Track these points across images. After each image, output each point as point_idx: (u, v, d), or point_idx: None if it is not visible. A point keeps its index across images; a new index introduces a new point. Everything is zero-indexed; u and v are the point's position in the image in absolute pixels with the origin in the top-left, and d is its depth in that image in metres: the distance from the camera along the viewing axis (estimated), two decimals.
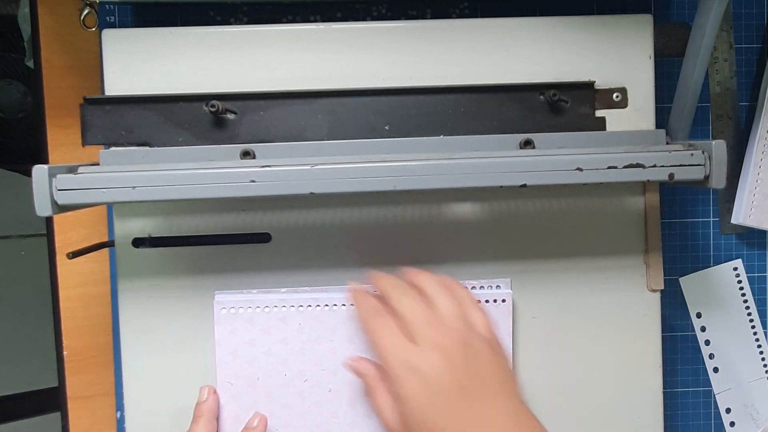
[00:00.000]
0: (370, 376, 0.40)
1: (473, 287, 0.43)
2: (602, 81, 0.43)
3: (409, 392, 0.36)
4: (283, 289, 0.43)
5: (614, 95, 0.43)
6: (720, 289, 0.52)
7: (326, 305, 0.42)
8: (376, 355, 0.39)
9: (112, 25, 0.48)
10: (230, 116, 0.42)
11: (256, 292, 0.43)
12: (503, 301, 0.43)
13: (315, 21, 0.49)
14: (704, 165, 0.37)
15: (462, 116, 0.42)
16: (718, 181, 0.37)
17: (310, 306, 0.42)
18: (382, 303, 0.40)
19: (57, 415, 0.52)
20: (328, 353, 0.43)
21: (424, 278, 0.40)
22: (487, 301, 0.43)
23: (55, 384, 0.51)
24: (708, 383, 0.53)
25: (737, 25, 0.51)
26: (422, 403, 0.36)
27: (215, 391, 0.42)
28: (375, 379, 0.40)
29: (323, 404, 0.43)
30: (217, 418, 0.42)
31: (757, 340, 0.53)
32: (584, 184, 0.37)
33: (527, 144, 0.41)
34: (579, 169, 0.37)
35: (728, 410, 0.53)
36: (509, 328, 0.43)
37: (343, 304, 0.43)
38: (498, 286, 0.44)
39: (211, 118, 0.41)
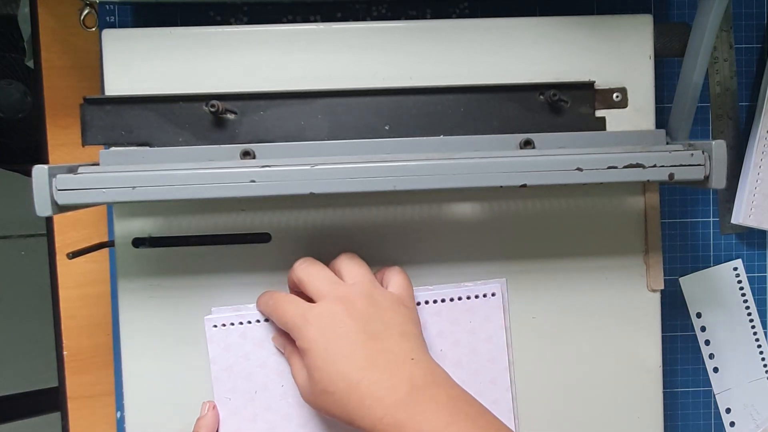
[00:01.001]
0: (287, 348, 0.40)
1: (466, 287, 0.43)
2: (602, 81, 0.43)
3: (309, 343, 0.36)
4: None
5: (614, 95, 0.43)
6: (720, 289, 0.52)
7: None
8: (289, 329, 0.39)
9: (112, 25, 0.48)
10: (230, 116, 0.42)
11: (252, 306, 0.43)
12: (493, 294, 0.43)
13: (315, 21, 0.49)
14: (704, 165, 0.37)
15: (462, 116, 0.42)
16: (718, 181, 0.37)
17: None
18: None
19: (57, 415, 0.52)
20: None
21: (337, 258, 0.41)
22: (477, 297, 0.43)
23: (55, 384, 0.51)
24: (708, 383, 0.53)
25: (737, 25, 0.51)
26: (322, 349, 0.36)
27: (215, 406, 0.42)
28: (289, 349, 0.40)
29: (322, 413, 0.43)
30: None
31: (757, 340, 0.53)
32: (584, 184, 0.37)
33: (527, 144, 0.41)
34: (579, 169, 0.37)
35: (728, 410, 0.53)
36: (501, 322, 0.43)
37: None
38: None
39: (211, 118, 0.41)
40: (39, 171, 0.36)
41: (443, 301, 0.43)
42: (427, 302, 0.42)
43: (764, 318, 0.53)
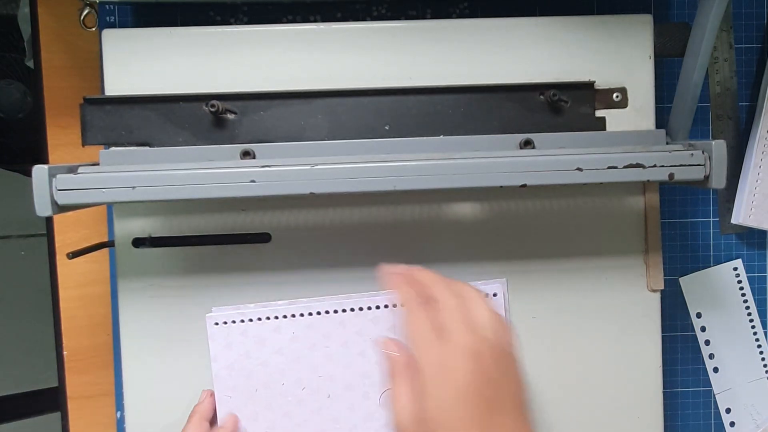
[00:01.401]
0: (396, 361, 0.40)
1: None
2: (602, 81, 0.43)
3: (434, 391, 0.36)
4: (281, 302, 0.43)
5: (614, 95, 0.43)
6: (720, 289, 0.52)
7: (318, 313, 0.42)
8: (409, 345, 0.38)
9: (112, 25, 0.48)
10: (230, 116, 0.42)
11: (252, 306, 0.43)
12: (494, 295, 0.43)
13: (315, 21, 0.49)
14: (704, 165, 0.37)
15: (462, 116, 0.42)
16: (718, 181, 0.37)
17: (302, 315, 0.42)
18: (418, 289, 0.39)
19: (57, 415, 0.52)
20: (324, 360, 0.43)
21: (460, 285, 0.39)
22: None
23: (55, 384, 0.51)
24: (708, 383, 0.53)
25: (737, 25, 0.51)
26: (446, 406, 0.35)
27: (212, 394, 0.43)
28: (400, 366, 0.39)
29: (323, 410, 0.43)
30: (211, 421, 0.42)
31: (757, 340, 0.53)
32: (584, 184, 0.37)
33: (527, 144, 0.41)
34: (579, 169, 0.37)
35: (728, 410, 0.53)
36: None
37: (335, 311, 0.42)
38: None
39: (211, 118, 0.41)
40: (39, 171, 0.36)
41: None
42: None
43: (764, 318, 0.53)
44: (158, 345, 0.43)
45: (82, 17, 0.45)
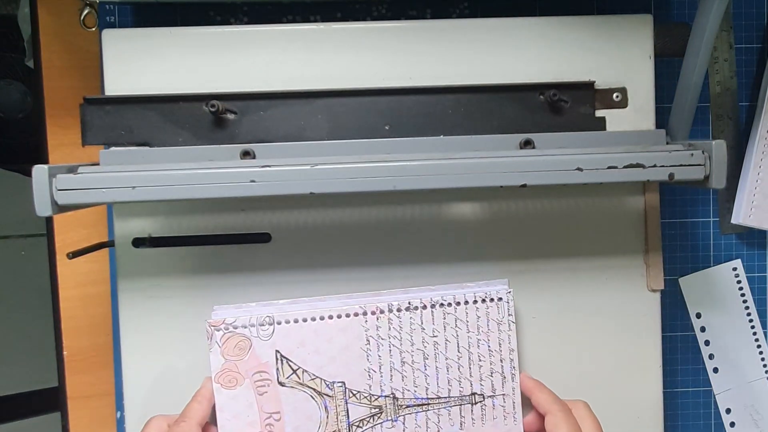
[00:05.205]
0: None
1: (470, 287, 0.43)
2: (602, 81, 0.43)
3: None
4: (281, 301, 0.43)
5: (614, 95, 0.43)
6: (720, 289, 0.52)
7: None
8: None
9: (112, 25, 0.48)
10: (230, 116, 0.42)
11: (255, 305, 0.42)
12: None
13: (315, 21, 0.49)
14: (704, 165, 0.37)
15: (462, 116, 0.42)
16: (718, 181, 0.37)
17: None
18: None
19: (57, 415, 0.52)
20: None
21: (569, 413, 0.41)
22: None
23: (55, 384, 0.51)
24: (708, 383, 0.53)
25: (737, 25, 0.51)
26: None
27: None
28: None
29: None
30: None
31: (756, 340, 0.53)
32: (584, 184, 0.37)
33: (527, 144, 0.41)
34: (579, 169, 0.37)
35: (728, 410, 0.53)
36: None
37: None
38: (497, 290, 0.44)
39: (211, 118, 0.41)
40: (39, 171, 0.36)
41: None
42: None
43: (764, 318, 0.53)
44: (158, 345, 0.43)
45: (82, 17, 0.45)
